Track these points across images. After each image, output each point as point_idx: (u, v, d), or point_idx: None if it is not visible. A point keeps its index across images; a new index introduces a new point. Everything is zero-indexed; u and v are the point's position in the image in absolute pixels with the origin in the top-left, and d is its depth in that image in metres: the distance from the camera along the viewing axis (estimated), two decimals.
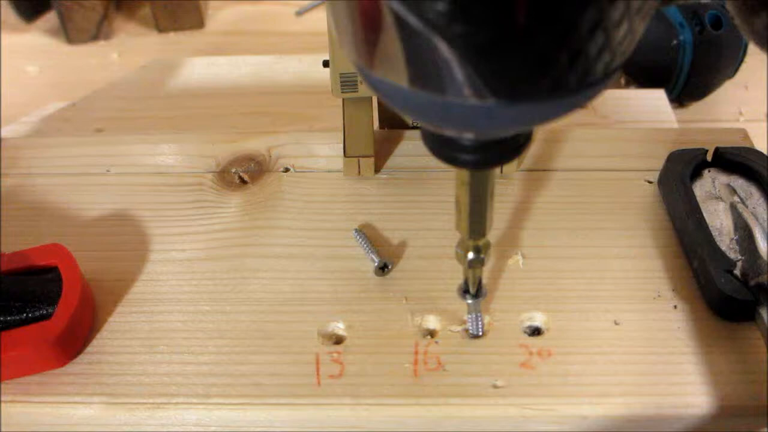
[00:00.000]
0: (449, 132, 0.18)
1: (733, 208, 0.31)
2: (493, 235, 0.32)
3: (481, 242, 0.24)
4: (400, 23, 0.14)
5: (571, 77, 0.15)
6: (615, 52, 0.15)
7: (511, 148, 0.19)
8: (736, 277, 0.28)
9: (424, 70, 0.15)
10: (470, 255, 0.24)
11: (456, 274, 0.27)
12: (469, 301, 0.27)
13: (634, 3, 0.14)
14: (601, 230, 0.33)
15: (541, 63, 0.14)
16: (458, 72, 0.14)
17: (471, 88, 0.15)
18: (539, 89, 0.15)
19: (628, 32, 0.15)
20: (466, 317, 0.28)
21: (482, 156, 0.19)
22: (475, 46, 0.14)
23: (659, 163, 0.34)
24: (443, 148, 0.19)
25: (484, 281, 0.27)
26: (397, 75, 0.15)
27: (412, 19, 0.14)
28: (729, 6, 0.19)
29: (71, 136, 0.49)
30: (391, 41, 0.15)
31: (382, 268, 0.31)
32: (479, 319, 0.28)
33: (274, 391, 0.27)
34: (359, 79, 0.33)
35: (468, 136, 0.18)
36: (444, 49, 0.14)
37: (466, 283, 0.27)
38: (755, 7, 0.19)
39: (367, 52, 0.16)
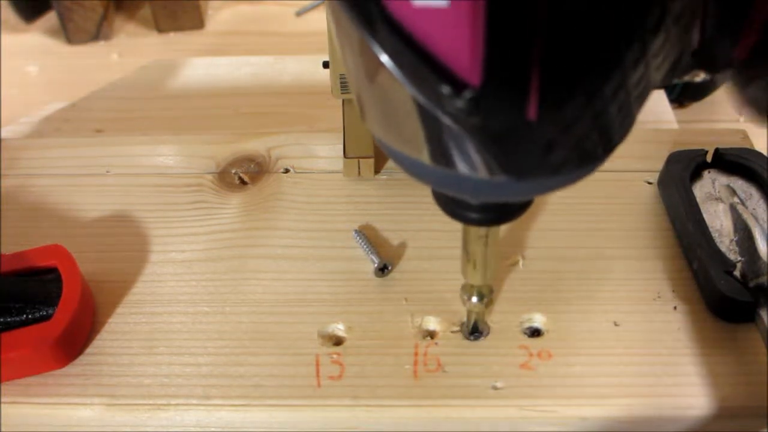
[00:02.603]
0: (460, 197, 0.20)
1: (732, 209, 0.31)
2: None
3: (484, 288, 0.26)
4: (424, 113, 0.15)
5: (573, 158, 0.16)
6: (614, 134, 0.17)
7: (515, 208, 0.21)
8: (735, 278, 0.28)
9: (442, 150, 0.16)
10: (474, 299, 0.26)
11: (456, 275, 0.27)
12: (471, 339, 0.28)
13: (633, 93, 0.16)
14: (600, 231, 0.32)
15: (548, 148, 0.16)
16: (474, 154, 0.16)
17: (484, 167, 0.16)
18: (545, 169, 0.16)
19: (626, 117, 0.17)
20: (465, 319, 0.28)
21: (489, 215, 0.21)
22: (491, 134, 0.15)
23: (659, 164, 0.34)
24: (451, 207, 0.21)
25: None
26: (417, 152, 0.17)
27: (435, 110, 0.15)
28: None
29: (71, 136, 0.49)
30: (414, 124, 0.16)
31: (382, 269, 0.31)
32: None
33: (274, 393, 0.27)
34: None
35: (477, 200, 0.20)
36: (462, 135, 0.15)
37: (468, 322, 0.28)
38: (746, 80, 0.20)
39: (392, 132, 0.17)
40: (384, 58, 0.15)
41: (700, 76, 0.20)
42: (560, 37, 0.14)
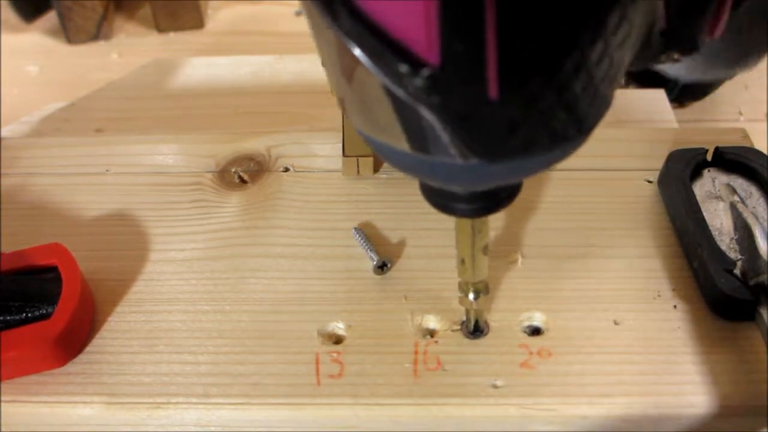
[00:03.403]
0: (444, 186, 0.20)
1: (733, 207, 0.31)
2: (493, 235, 0.32)
3: (480, 284, 0.26)
4: (391, 96, 0.16)
5: (543, 138, 0.16)
6: (586, 114, 0.17)
7: (503, 197, 0.21)
8: (736, 276, 0.28)
9: (414, 134, 0.17)
10: (470, 296, 0.26)
11: (455, 274, 0.27)
12: (471, 337, 0.28)
13: (598, 72, 0.16)
14: (600, 230, 0.32)
15: (513, 127, 0.16)
16: (443, 137, 0.16)
17: (455, 149, 0.16)
18: (514, 149, 0.16)
19: (595, 97, 0.16)
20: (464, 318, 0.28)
21: (476, 205, 0.21)
22: (453, 113, 0.15)
23: (659, 163, 0.34)
24: (440, 199, 0.21)
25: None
26: (393, 139, 0.17)
27: (398, 91, 0.15)
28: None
29: (71, 136, 0.49)
30: (385, 111, 0.16)
31: (381, 267, 0.31)
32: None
33: (274, 391, 0.27)
34: None
35: (460, 189, 0.20)
36: (429, 118, 0.16)
37: (468, 321, 0.28)
38: None
39: (368, 121, 0.18)
40: (348, 42, 0.15)
41: (676, 58, 0.20)
42: (516, 14, 0.14)
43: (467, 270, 0.25)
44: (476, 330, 0.28)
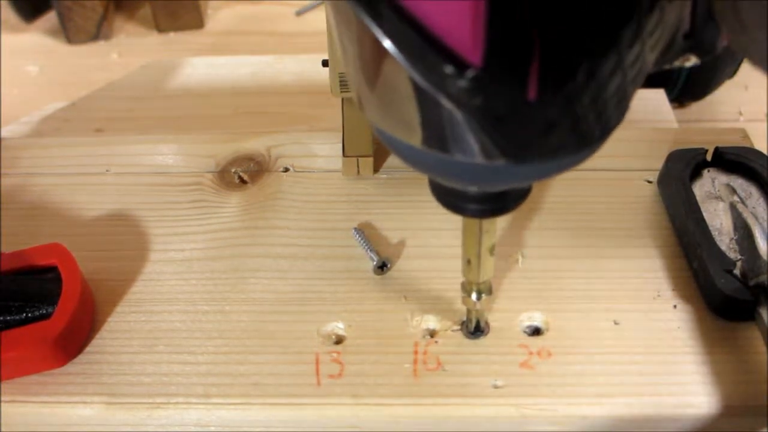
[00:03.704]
0: (456, 185, 0.20)
1: (732, 207, 0.31)
2: None
3: (483, 285, 0.26)
4: (424, 96, 0.15)
5: (572, 140, 0.16)
6: (611, 116, 0.17)
7: (513, 197, 0.21)
8: (735, 276, 0.28)
9: (441, 135, 0.16)
10: (473, 296, 0.26)
11: (455, 274, 0.27)
12: (471, 337, 0.28)
13: (630, 73, 0.16)
14: (600, 230, 0.32)
15: (548, 129, 0.16)
16: (473, 137, 0.16)
17: (483, 151, 0.16)
18: (544, 151, 0.16)
19: (623, 99, 0.17)
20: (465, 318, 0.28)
21: (486, 206, 0.21)
22: (491, 115, 0.15)
23: (659, 163, 0.34)
24: (449, 199, 0.21)
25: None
26: (412, 136, 0.17)
27: (436, 93, 0.15)
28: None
29: (71, 136, 0.49)
30: (409, 107, 0.16)
31: (381, 267, 0.31)
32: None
33: (274, 391, 0.27)
34: None
35: (474, 188, 0.20)
36: (462, 118, 0.15)
37: (469, 321, 0.28)
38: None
39: (391, 118, 0.17)
40: (386, 41, 0.15)
41: (691, 61, 0.20)
42: (560, 17, 0.14)
43: (473, 270, 0.25)
44: (477, 330, 0.28)
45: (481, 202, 0.21)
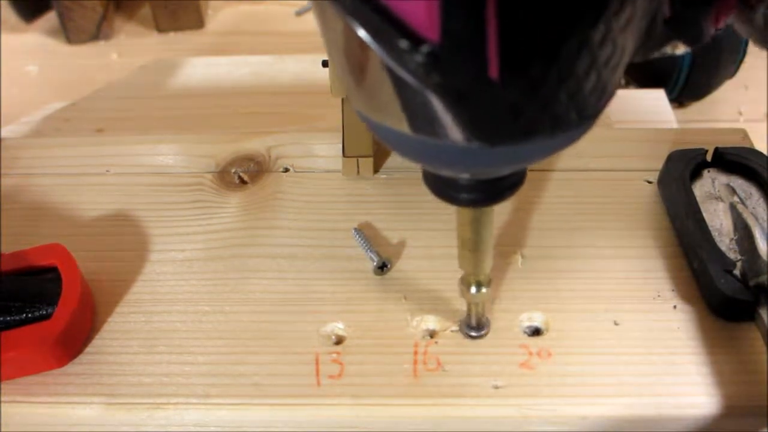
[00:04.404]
0: (446, 173, 0.20)
1: (732, 208, 0.31)
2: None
3: (482, 277, 0.26)
4: (392, 74, 0.16)
5: (545, 123, 0.16)
6: (587, 101, 0.17)
7: (506, 186, 0.21)
8: (735, 277, 0.28)
9: (416, 116, 0.16)
10: (472, 290, 0.26)
11: (455, 274, 0.27)
12: (473, 334, 0.28)
13: (601, 57, 0.16)
14: (600, 230, 0.32)
15: (516, 110, 0.16)
16: (444, 117, 0.16)
17: (457, 132, 0.16)
18: (516, 133, 0.16)
19: (599, 83, 0.16)
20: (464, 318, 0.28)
21: (480, 195, 0.21)
22: (453, 92, 0.15)
23: (659, 163, 0.34)
24: (443, 188, 0.21)
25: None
26: (396, 121, 0.17)
27: (399, 69, 0.15)
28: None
29: (71, 136, 0.49)
30: (388, 91, 0.16)
31: (381, 267, 0.31)
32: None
33: (274, 392, 0.27)
34: None
35: (464, 176, 0.20)
36: (429, 97, 0.16)
37: (469, 317, 0.28)
38: (752, 2, 0.19)
39: (371, 103, 0.18)
40: (350, 20, 0.15)
41: (680, 49, 0.20)
42: None
43: (470, 262, 0.25)
44: (477, 326, 0.28)
45: (472, 191, 0.20)
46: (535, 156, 0.18)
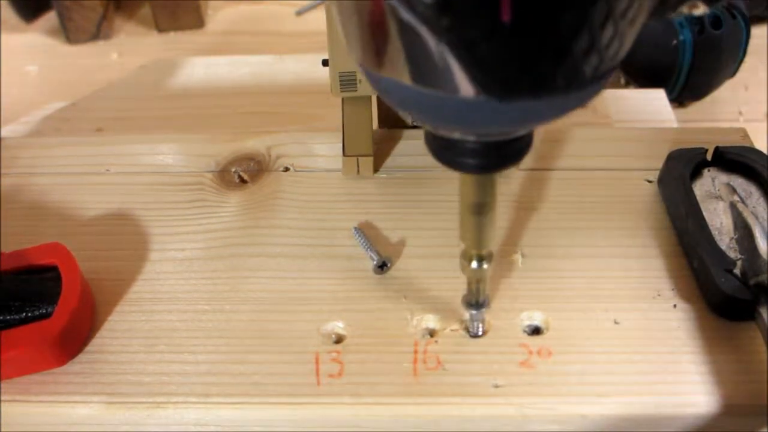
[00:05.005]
0: (451, 133, 0.19)
1: (732, 207, 0.31)
2: None
3: (484, 252, 0.24)
4: (396, 18, 0.15)
5: (558, 77, 0.15)
6: (603, 55, 0.16)
7: (513, 151, 0.20)
8: (736, 276, 0.28)
9: (420, 66, 0.16)
10: (474, 265, 0.25)
11: (455, 273, 0.27)
12: (473, 312, 0.27)
13: (618, 7, 0.15)
14: (600, 230, 0.32)
15: (527, 61, 0.15)
16: (452, 68, 0.15)
17: (463, 84, 0.15)
18: (527, 88, 0.15)
19: (615, 36, 0.16)
20: (467, 316, 0.28)
21: (485, 160, 0.19)
22: (463, 40, 0.14)
23: (659, 163, 0.34)
24: (447, 153, 0.20)
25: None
26: (397, 72, 0.16)
27: (405, 14, 0.14)
28: None
29: (71, 135, 0.49)
30: (388, 37, 0.15)
31: (381, 267, 0.31)
32: (479, 325, 0.28)
33: (274, 391, 0.27)
34: (358, 78, 0.33)
35: (470, 138, 0.19)
36: (435, 43, 0.15)
37: (470, 293, 0.27)
38: None
39: (368, 50, 0.17)
40: None
41: (699, 9, 0.19)
42: None
43: (470, 232, 0.24)
44: (478, 305, 0.27)
45: (477, 156, 0.19)
46: (546, 115, 0.17)
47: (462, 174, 0.21)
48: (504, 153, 0.20)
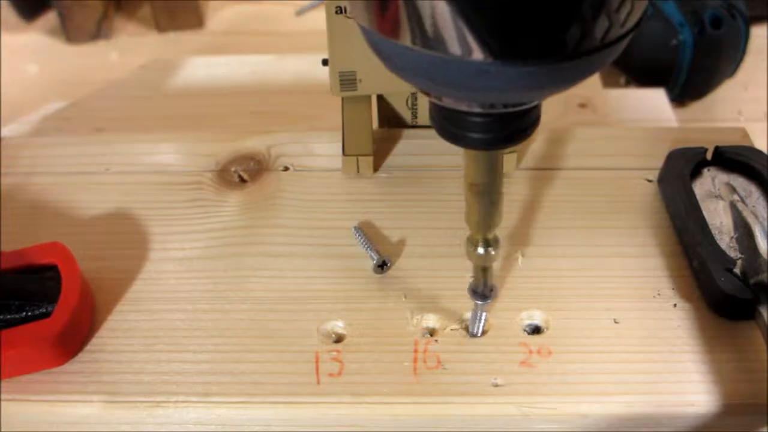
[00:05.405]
0: (456, 105, 0.19)
1: (732, 206, 0.31)
2: None
3: (489, 236, 0.24)
4: None
5: (569, 41, 0.15)
6: (612, 20, 0.15)
7: (519, 128, 0.19)
8: (736, 275, 0.28)
9: (430, 28, 0.15)
10: (480, 250, 0.24)
11: (455, 273, 0.27)
12: (479, 302, 0.26)
13: None
14: (600, 229, 0.32)
15: (535, 23, 0.15)
16: (460, 29, 0.15)
17: (469, 45, 0.15)
18: (533, 51, 0.15)
19: (621, 9, 0.15)
20: (467, 315, 0.28)
21: (490, 135, 0.19)
22: (471, 2, 0.14)
23: (659, 162, 0.34)
24: (451, 128, 0.19)
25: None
26: (405, 36, 0.16)
27: None
28: None
29: (71, 135, 0.49)
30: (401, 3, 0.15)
31: (381, 266, 0.31)
32: (482, 318, 0.28)
33: (274, 390, 0.27)
34: (358, 77, 0.33)
35: (476, 110, 0.19)
36: (444, 4, 0.14)
37: (476, 281, 0.26)
38: None
39: (373, 12, 0.16)
40: None
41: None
42: None
43: (476, 214, 0.23)
44: (483, 294, 0.26)
45: (482, 130, 0.19)
46: (550, 84, 0.17)
47: (466, 151, 0.21)
48: (510, 129, 0.19)
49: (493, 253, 0.24)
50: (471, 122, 0.19)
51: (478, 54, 0.15)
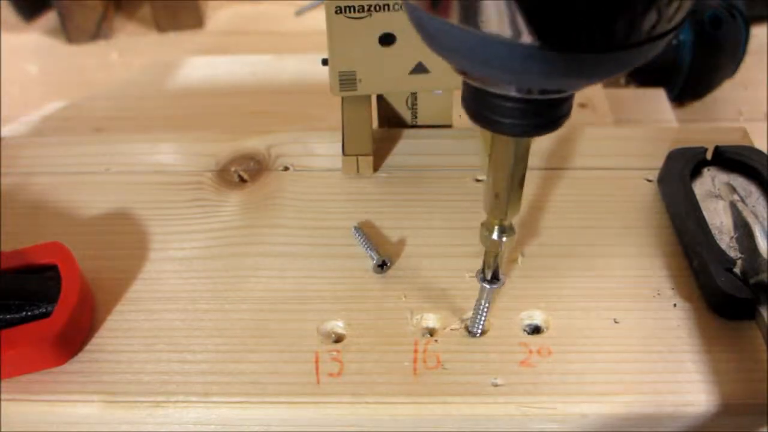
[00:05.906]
0: (492, 88, 0.19)
1: (732, 206, 0.31)
2: None
3: (506, 222, 0.24)
4: None
5: (617, 32, 0.15)
6: (662, 15, 0.16)
7: (551, 118, 0.19)
8: (736, 275, 0.28)
9: (476, 7, 0.15)
10: (494, 235, 0.24)
11: (455, 273, 0.27)
12: (486, 286, 0.26)
13: None
14: (600, 229, 0.32)
15: (587, 11, 0.15)
16: (509, 10, 0.15)
17: (518, 27, 0.15)
18: (581, 39, 0.15)
19: (668, 5, 0.15)
20: (467, 315, 0.28)
21: (522, 121, 0.19)
22: None
23: (659, 162, 0.34)
24: (484, 111, 0.20)
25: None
26: (450, 13, 0.16)
27: None
28: None
29: (71, 135, 0.49)
30: None
31: (381, 266, 0.31)
32: (483, 314, 0.28)
33: (274, 390, 0.27)
34: (358, 77, 0.33)
35: (512, 94, 0.19)
36: None
37: (485, 266, 0.26)
38: None
39: None
40: None
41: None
42: None
43: (500, 204, 0.23)
44: (493, 279, 0.26)
45: (515, 116, 0.19)
46: (594, 74, 0.17)
47: (495, 136, 0.21)
48: (542, 118, 0.19)
49: (505, 240, 0.24)
50: (504, 108, 0.19)
51: (526, 37, 0.15)
